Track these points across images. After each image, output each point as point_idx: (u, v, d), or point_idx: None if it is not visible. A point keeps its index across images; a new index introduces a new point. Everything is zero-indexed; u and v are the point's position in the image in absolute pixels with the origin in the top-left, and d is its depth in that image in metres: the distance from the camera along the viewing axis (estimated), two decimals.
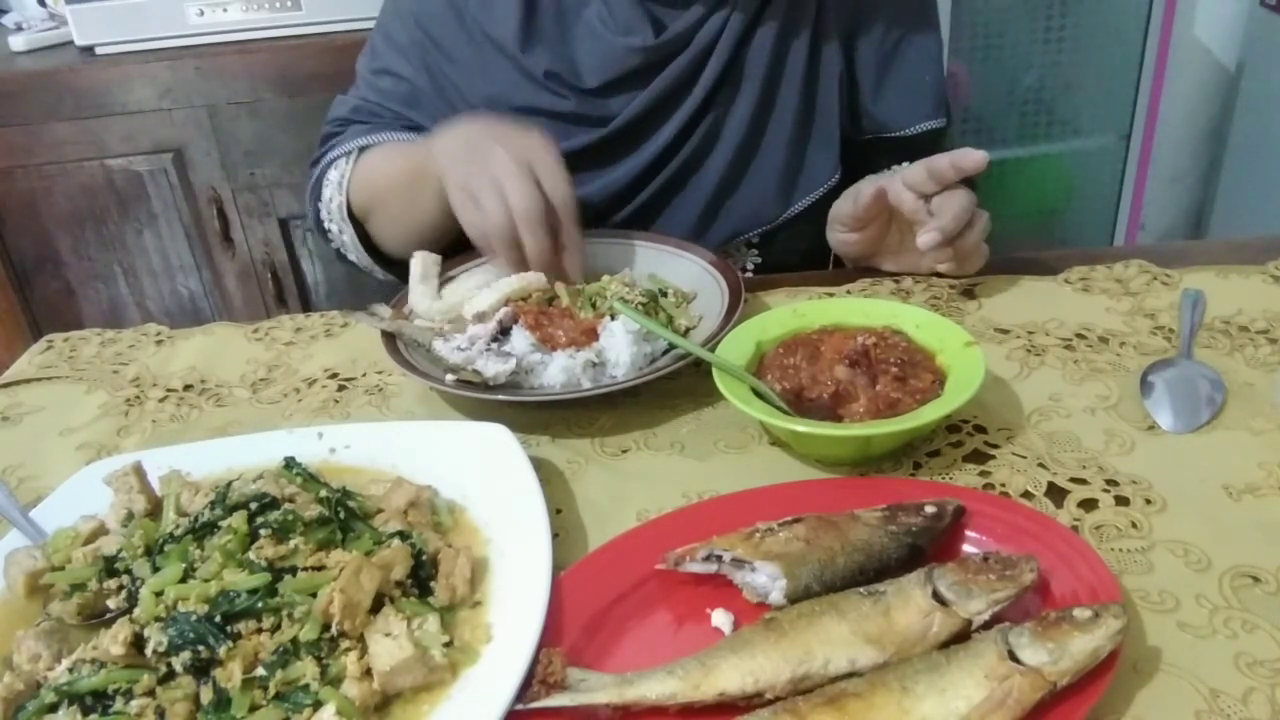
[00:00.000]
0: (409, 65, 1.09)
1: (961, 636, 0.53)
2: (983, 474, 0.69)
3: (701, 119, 1.04)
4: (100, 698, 0.54)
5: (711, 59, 1.02)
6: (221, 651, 0.54)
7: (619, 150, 1.05)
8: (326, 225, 1.10)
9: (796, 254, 1.11)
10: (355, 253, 1.10)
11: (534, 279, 0.88)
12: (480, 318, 0.86)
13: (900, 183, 0.89)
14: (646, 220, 1.08)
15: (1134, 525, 0.63)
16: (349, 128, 1.11)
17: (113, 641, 0.54)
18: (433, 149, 0.94)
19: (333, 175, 1.08)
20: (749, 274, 1.11)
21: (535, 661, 0.53)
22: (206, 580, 0.57)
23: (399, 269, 1.10)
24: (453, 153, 0.91)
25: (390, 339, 0.84)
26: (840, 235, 0.99)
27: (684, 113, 1.03)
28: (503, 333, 0.84)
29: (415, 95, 1.09)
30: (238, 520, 0.60)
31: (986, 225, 0.91)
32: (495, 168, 0.85)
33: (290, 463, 0.66)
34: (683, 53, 1.01)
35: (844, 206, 0.97)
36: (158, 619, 0.55)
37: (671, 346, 0.81)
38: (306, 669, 0.53)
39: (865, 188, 0.93)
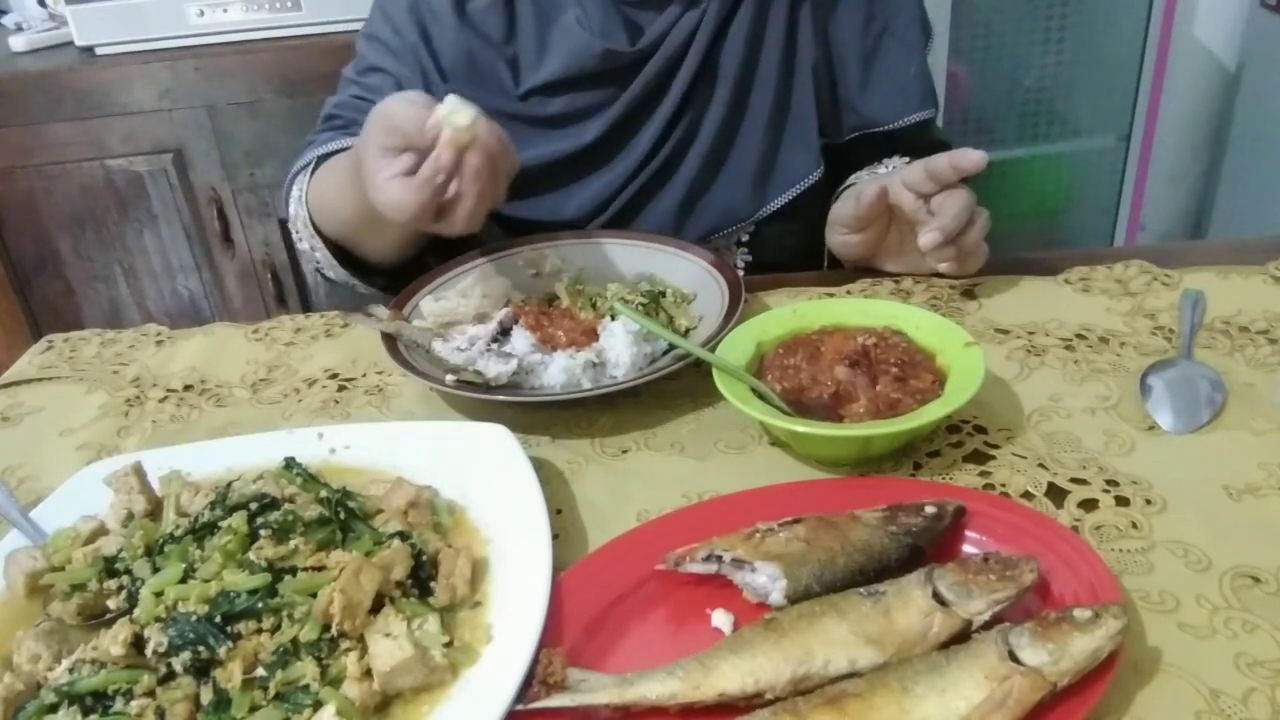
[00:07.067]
0: (399, 63, 1.06)
1: (961, 637, 0.53)
2: (983, 474, 0.69)
3: (677, 122, 1.04)
4: (100, 698, 0.54)
5: (685, 61, 1.01)
6: (221, 652, 0.54)
7: (599, 160, 1.04)
8: (298, 246, 1.07)
9: (787, 251, 1.10)
10: (331, 269, 1.06)
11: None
12: (481, 318, 0.86)
13: (899, 182, 0.89)
14: (622, 221, 1.06)
15: (1134, 525, 0.63)
16: (320, 135, 1.08)
17: (113, 642, 0.54)
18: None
19: (294, 191, 1.06)
20: (740, 272, 1.11)
21: (535, 662, 0.53)
22: (206, 581, 0.57)
23: (382, 279, 1.07)
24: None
25: (390, 340, 0.84)
26: (841, 237, 0.99)
27: (660, 118, 1.02)
28: (503, 333, 0.84)
29: (402, 89, 1.04)
30: (238, 521, 0.60)
31: (986, 223, 0.91)
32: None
33: (290, 463, 0.66)
34: (655, 55, 1.00)
35: (845, 208, 0.97)
36: (158, 619, 0.55)
37: (671, 347, 0.81)
38: (306, 669, 0.53)
39: (867, 189, 0.92)
